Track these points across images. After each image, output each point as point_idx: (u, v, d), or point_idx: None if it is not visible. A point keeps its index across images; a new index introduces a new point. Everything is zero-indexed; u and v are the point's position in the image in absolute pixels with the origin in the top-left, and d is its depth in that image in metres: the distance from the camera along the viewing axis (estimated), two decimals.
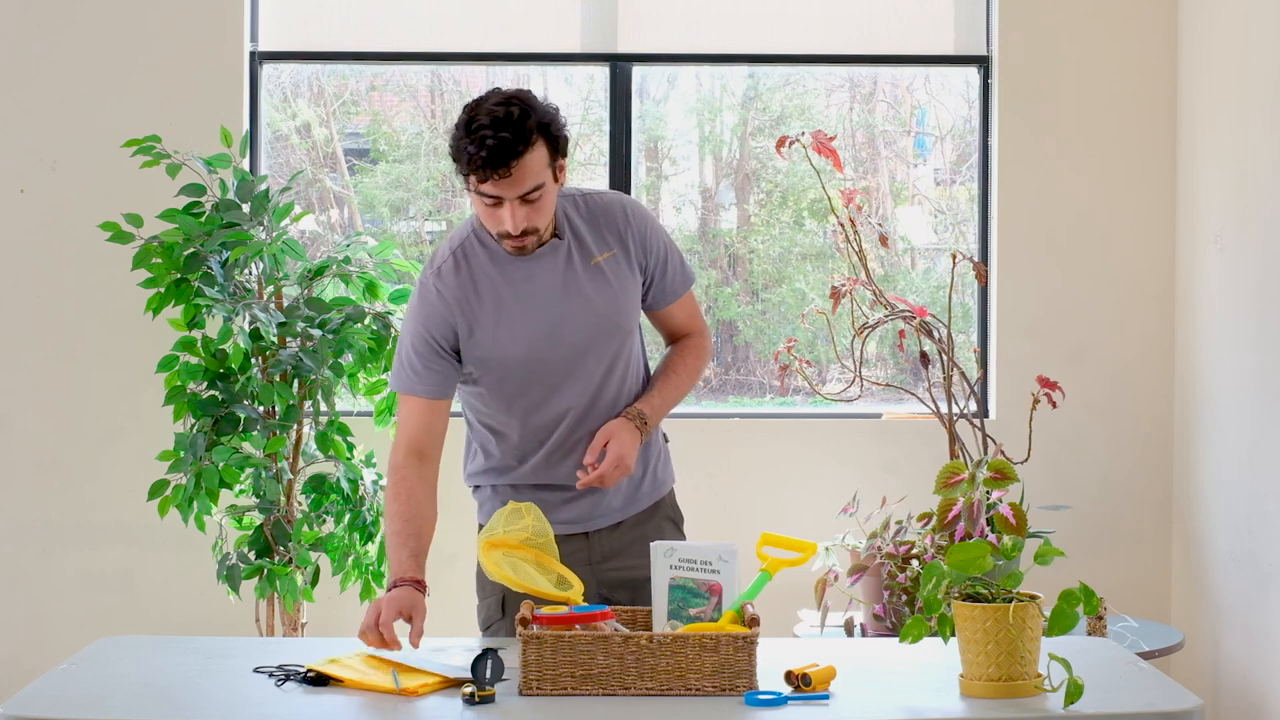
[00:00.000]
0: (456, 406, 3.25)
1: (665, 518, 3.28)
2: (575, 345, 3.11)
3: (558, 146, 2.97)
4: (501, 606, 3.16)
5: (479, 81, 5.17)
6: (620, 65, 4.96)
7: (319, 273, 4.50)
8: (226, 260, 4.38)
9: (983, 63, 4.99)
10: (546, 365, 3.10)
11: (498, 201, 2.94)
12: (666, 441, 3.35)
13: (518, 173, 2.90)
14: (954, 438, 4.26)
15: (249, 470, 4.37)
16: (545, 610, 2.70)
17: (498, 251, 3.09)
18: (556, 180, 3.00)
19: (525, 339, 3.08)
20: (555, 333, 3.09)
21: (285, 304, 4.49)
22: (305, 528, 4.41)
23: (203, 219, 4.42)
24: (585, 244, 3.12)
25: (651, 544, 2.90)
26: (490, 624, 3.21)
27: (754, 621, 2.68)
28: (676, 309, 3.28)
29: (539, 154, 2.93)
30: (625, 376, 3.17)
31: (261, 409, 4.40)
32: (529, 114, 2.92)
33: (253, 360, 4.40)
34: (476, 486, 3.30)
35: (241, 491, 4.45)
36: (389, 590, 2.95)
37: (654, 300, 3.24)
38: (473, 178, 2.92)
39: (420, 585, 2.96)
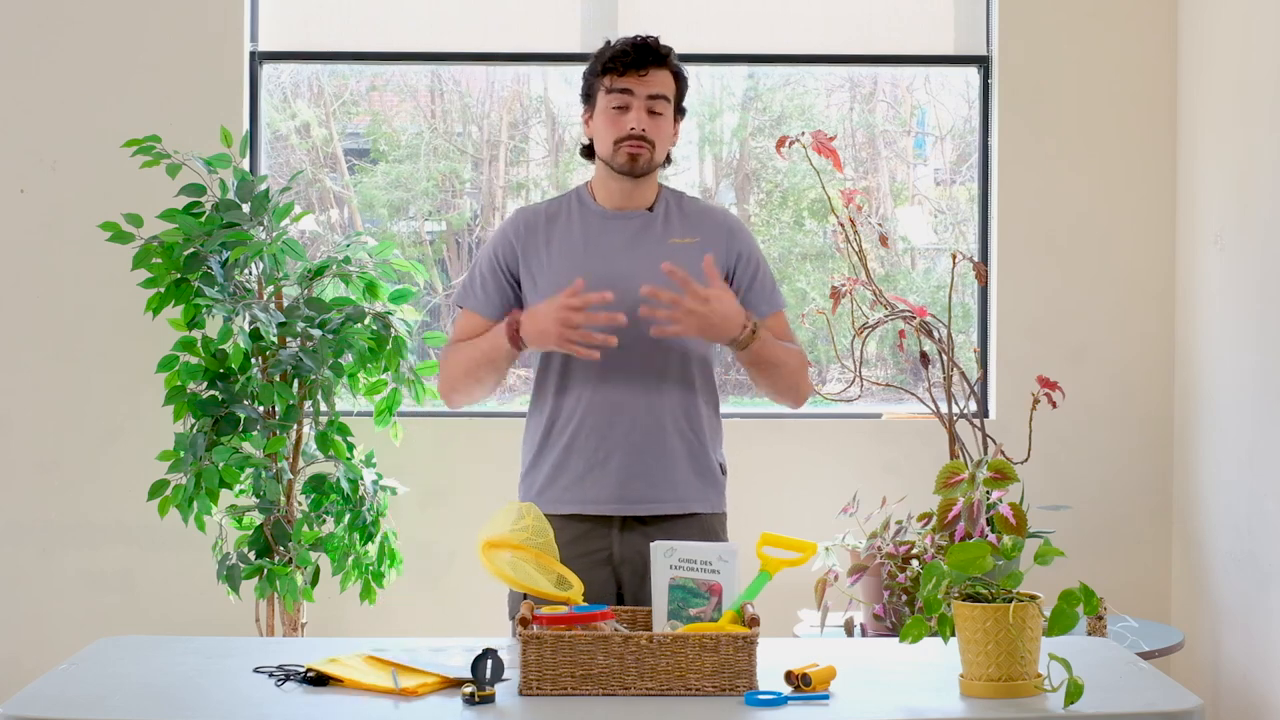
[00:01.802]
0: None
1: (701, 537, 3.26)
2: (619, 301, 3.15)
3: (682, 95, 3.31)
4: (524, 594, 3.18)
5: (479, 81, 5.18)
6: None
7: (319, 273, 4.50)
8: (226, 260, 4.38)
9: (983, 63, 4.99)
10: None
11: (625, 104, 3.22)
12: (725, 474, 3.38)
13: (652, 76, 3.23)
14: (954, 438, 4.26)
15: (249, 470, 4.37)
16: (545, 610, 2.70)
17: (592, 209, 3.29)
18: (675, 124, 3.31)
19: (574, 280, 3.16)
20: (603, 282, 3.17)
21: (285, 304, 4.49)
22: (305, 528, 4.41)
23: (203, 219, 4.42)
24: (672, 225, 3.30)
25: (651, 544, 2.90)
26: (515, 613, 3.24)
27: (754, 621, 2.68)
28: (770, 326, 3.32)
29: (669, 79, 3.27)
30: (668, 362, 3.20)
31: (261, 409, 4.40)
32: (671, 51, 3.30)
33: (253, 360, 4.39)
34: (524, 454, 3.37)
35: (241, 491, 4.45)
36: (510, 328, 3.19)
37: None
38: (608, 77, 3.23)
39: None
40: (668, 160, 3.34)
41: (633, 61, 3.21)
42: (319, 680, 2.70)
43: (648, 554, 3.12)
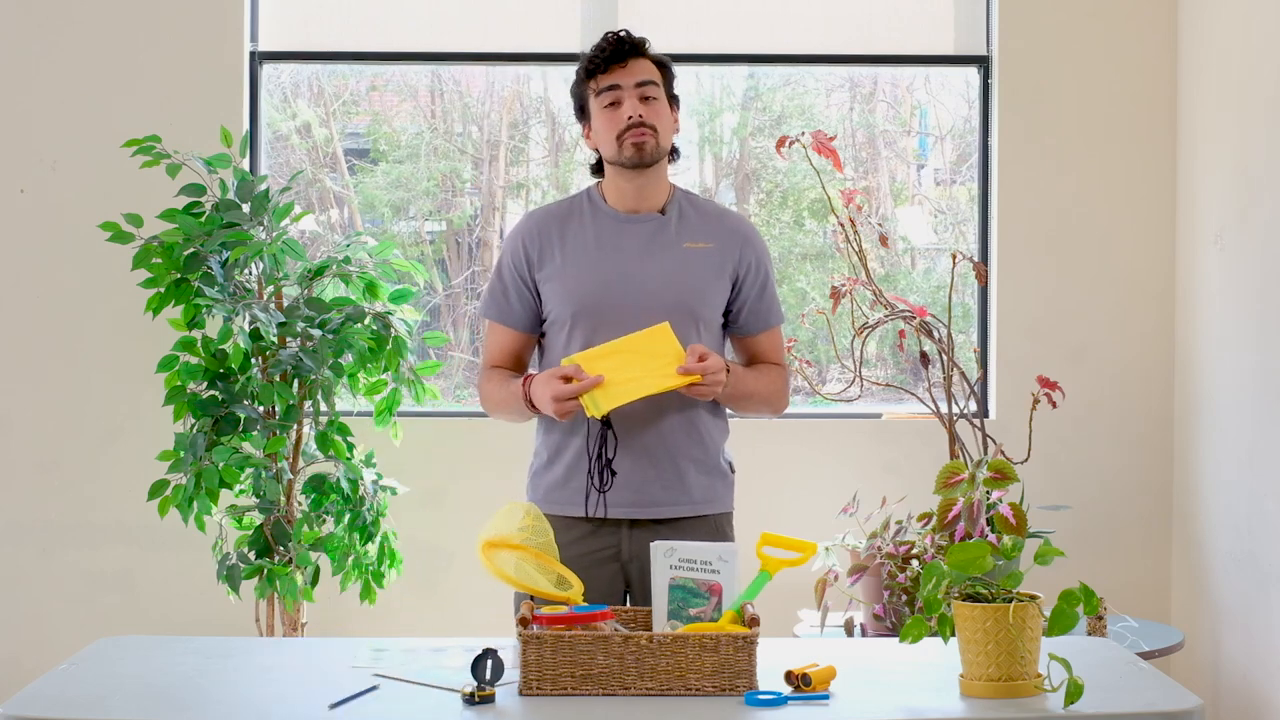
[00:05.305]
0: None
1: (710, 536, 3.26)
2: (634, 304, 3.17)
3: (670, 83, 3.30)
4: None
5: (479, 81, 5.18)
6: None
7: (319, 273, 4.50)
8: (226, 260, 4.38)
9: (983, 63, 4.99)
10: (603, 316, 3.17)
11: (617, 99, 3.21)
12: (733, 471, 3.38)
13: (634, 65, 3.23)
14: (954, 438, 4.26)
15: (249, 470, 4.37)
16: (545, 610, 2.70)
17: (604, 211, 3.27)
18: (673, 112, 3.29)
19: (589, 282, 3.20)
20: (619, 285, 3.20)
21: (285, 304, 4.49)
22: (305, 528, 4.41)
23: (203, 219, 4.42)
24: (686, 228, 3.28)
25: (651, 544, 2.90)
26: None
27: (754, 621, 2.68)
28: (765, 340, 3.35)
29: (652, 67, 3.26)
30: None
31: (261, 409, 4.40)
32: (646, 41, 3.29)
33: (253, 360, 4.39)
34: (537, 452, 3.35)
35: (241, 491, 4.45)
36: (526, 391, 3.18)
37: (745, 323, 3.32)
38: (595, 80, 3.23)
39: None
40: (675, 154, 3.32)
41: (612, 55, 3.22)
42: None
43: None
